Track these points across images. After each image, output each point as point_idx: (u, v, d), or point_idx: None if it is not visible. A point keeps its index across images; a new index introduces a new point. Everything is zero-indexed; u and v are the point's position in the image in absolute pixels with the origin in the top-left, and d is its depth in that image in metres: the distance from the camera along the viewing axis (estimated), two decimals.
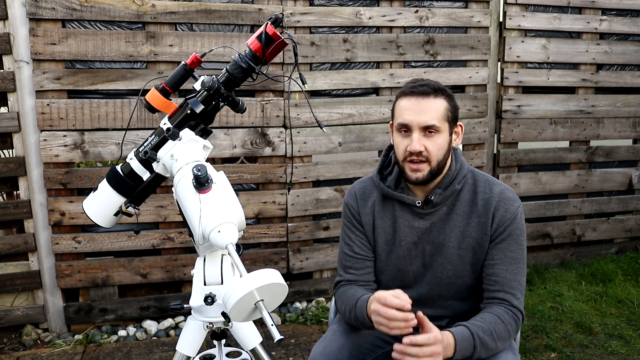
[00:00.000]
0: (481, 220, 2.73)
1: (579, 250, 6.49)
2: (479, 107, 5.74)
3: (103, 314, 5.10)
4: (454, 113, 2.70)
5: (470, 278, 2.80)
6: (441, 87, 2.68)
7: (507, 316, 2.61)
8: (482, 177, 2.82)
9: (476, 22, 5.61)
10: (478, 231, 2.74)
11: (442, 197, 2.75)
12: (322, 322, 5.22)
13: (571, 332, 4.95)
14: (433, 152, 2.63)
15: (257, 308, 2.02)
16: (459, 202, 2.78)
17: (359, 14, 5.24)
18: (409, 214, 2.82)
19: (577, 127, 6.17)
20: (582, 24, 6.00)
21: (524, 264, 2.72)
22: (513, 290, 2.66)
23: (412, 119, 2.61)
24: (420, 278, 2.86)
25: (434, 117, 2.60)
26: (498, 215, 2.70)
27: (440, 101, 2.64)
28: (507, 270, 2.68)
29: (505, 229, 2.70)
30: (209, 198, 2.27)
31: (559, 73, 6.02)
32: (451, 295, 2.86)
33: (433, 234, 2.79)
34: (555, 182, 6.20)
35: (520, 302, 2.68)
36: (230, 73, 2.52)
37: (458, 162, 2.80)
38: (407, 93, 2.67)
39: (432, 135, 2.62)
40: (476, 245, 2.74)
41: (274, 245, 5.41)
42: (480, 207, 2.74)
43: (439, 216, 2.79)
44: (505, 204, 2.71)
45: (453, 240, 2.76)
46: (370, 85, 5.41)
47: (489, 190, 2.75)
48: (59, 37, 4.60)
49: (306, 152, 5.31)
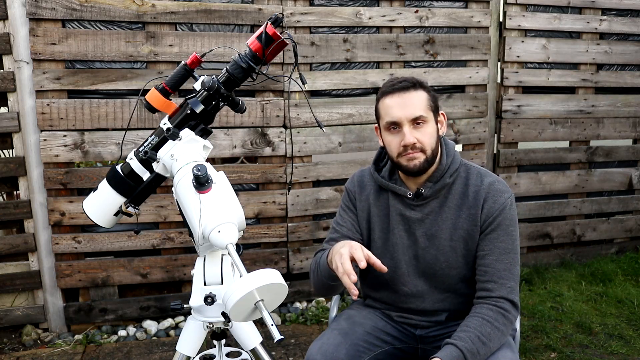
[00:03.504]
0: (471, 211, 2.78)
1: (579, 250, 6.49)
2: (479, 107, 5.74)
3: (103, 314, 5.10)
4: (435, 102, 2.78)
5: (464, 269, 2.84)
6: (418, 80, 2.77)
7: (491, 313, 2.63)
8: (474, 170, 2.87)
9: (476, 22, 5.60)
10: (468, 222, 2.79)
11: (432, 190, 2.81)
12: (322, 322, 5.21)
13: (571, 332, 4.95)
14: (425, 141, 2.71)
15: (257, 308, 2.02)
16: (451, 195, 2.83)
17: (359, 14, 5.24)
18: (401, 204, 2.89)
19: (577, 127, 6.17)
20: (582, 24, 6.00)
21: (515, 254, 2.75)
22: (502, 280, 2.69)
23: (400, 114, 2.69)
24: (414, 270, 2.89)
25: (420, 108, 2.70)
26: (487, 206, 2.76)
27: (420, 93, 2.73)
28: (497, 261, 2.71)
29: (494, 219, 2.74)
30: (209, 198, 2.27)
31: (559, 73, 6.02)
32: (447, 287, 2.89)
33: (426, 225, 2.85)
34: (555, 182, 6.19)
35: (512, 290, 2.69)
36: (230, 73, 2.52)
37: (449, 157, 2.86)
38: (389, 92, 2.76)
39: (420, 126, 2.70)
40: (467, 237, 2.79)
41: (274, 245, 5.41)
42: (471, 199, 2.79)
43: (430, 208, 2.84)
44: (494, 195, 2.76)
45: (445, 231, 2.82)
46: (370, 86, 5.40)
47: (480, 182, 2.81)
48: (59, 37, 4.60)
49: (306, 152, 5.31)
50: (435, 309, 2.90)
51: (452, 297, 2.89)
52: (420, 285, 2.89)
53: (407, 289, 2.90)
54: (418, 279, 2.89)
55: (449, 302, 2.90)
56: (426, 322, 2.93)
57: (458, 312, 2.87)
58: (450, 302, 2.90)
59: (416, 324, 2.93)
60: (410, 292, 2.89)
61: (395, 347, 2.97)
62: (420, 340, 2.98)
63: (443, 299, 2.89)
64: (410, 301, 2.91)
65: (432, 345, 2.95)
